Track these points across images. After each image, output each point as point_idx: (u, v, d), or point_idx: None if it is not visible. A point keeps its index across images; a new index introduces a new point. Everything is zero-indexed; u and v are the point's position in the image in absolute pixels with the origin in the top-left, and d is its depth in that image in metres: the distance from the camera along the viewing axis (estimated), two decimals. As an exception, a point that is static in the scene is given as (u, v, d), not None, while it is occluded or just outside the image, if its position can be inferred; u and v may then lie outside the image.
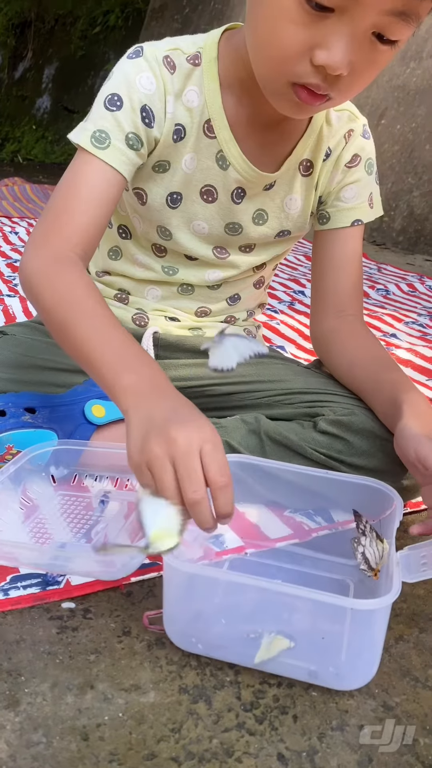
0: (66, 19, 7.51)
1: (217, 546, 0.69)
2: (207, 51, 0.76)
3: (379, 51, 0.62)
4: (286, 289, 2.00)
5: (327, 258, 0.86)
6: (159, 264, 0.86)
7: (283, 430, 0.78)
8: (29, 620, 0.58)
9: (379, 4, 0.57)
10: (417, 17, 0.59)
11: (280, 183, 0.82)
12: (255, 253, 0.87)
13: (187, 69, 0.75)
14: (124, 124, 0.72)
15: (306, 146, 0.81)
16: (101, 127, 0.72)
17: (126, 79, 0.73)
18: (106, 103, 0.73)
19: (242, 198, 0.81)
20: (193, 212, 0.81)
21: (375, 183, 0.86)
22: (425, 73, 3.15)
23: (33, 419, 0.79)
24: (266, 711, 0.51)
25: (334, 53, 0.59)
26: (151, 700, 0.51)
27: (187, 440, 0.52)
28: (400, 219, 3.04)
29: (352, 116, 0.82)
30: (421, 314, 1.82)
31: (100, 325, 0.64)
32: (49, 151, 6.99)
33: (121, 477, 0.78)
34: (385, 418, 0.75)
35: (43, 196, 3.76)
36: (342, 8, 0.58)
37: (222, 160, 0.78)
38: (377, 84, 3.36)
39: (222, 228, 0.83)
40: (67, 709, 0.50)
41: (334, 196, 0.84)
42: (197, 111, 0.76)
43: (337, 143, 0.82)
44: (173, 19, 5.52)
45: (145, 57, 0.74)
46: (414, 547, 0.57)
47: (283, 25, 0.61)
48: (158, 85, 0.73)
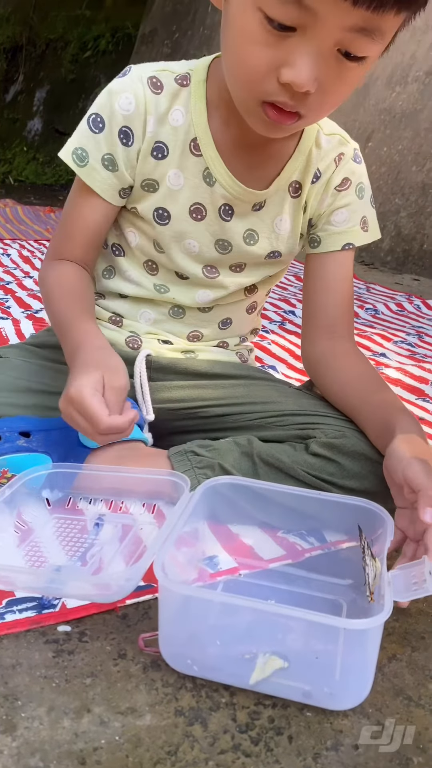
0: (57, 44, 7.60)
1: (211, 568, 0.70)
2: (197, 73, 0.79)
3: (347, 68, 0.63)
4: (276, 309, 2.02)
5: (318, 281, 0.88)
6: (151, 282, 0.88)
7: (276, 452, 0.79)
8: (25, 644, 0.59)
9: (340, 22, 0.58)
10: (380, 33, 0.61)
11: (269, 204, 0.84)
12: (245, 273, 0.89)
13: (175, 89, 0.79)
14: (103, 145, 0.80)
15: (295, 168, 0.83)
16: (83, 145, 0.80)
17: (109, 100, 0.79)
18: (90, 123, 0.80)
19: (231, 216, 0.83)
20: (183, 230, 0.84)
21: (370, 206, 0.87)
22: (410, 97, 3.21)
23: (28, 443, 0.80)
24: (261, 732, 0.52)
25: (299, 71, 0.61)
26: (147, 722, 0.52)
27: (64, 401, 0.69)
28: (388, 239, 3.09)
29: (343, 140, 0.84)
30: (410, 333, 1.84)
31: (76, 306, 0.80)
32: (40, 172, 7.04)
33: (115, 500, 0.78)
34: (377, 440, 0.76)
35: (34, 217, 3.78)
36: (303, 27, 0.60)
37: (208, 177, 0.81)
38: (364, 108, 3.43)
39: (212, 245, 0.85)
40: (63, 733, 0.50)
41: (324, 220, 0.86)
42: (182, 129, 0.79)
43: (327, 166, 0.84)
44: (163, 44, 5.61)
45: (130, 77, 0.79)
46: (404, 566, 0.58)
47: (249, 47, 0.63)
48: (138, 104, 0.78)
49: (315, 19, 0.59)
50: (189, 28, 5.30)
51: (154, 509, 0.77)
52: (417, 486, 0.63)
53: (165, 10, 5.69)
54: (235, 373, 0.91)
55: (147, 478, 0.76)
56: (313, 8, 0.58)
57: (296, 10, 0.58)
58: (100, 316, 0.92)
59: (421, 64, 3.21)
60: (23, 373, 0.87)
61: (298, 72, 0.61)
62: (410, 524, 0.66)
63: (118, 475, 0.78)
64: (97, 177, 0.81)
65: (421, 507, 0.61)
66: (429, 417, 1.21)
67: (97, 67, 7.03)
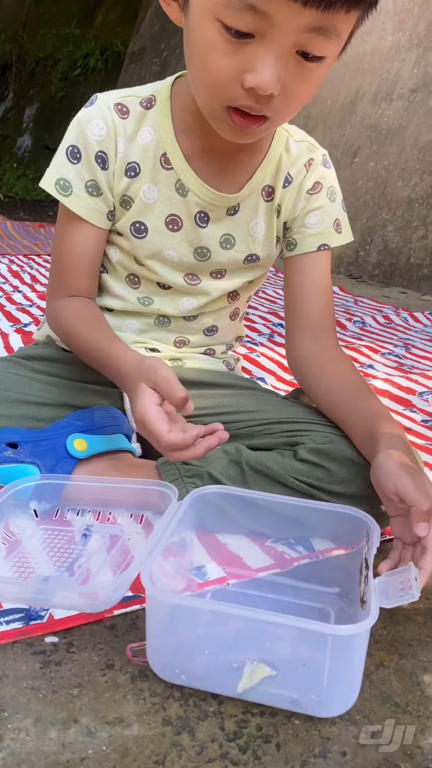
0: (47, 62, 7.67)
1: (200, 578, 0.70)
2: (161, 92, 0.83)
3: (308, 68, 0.65)
4: (265, 322, 2.03)
5: (297, 283, 0.90)
6: (134, 295, 0.89)
7: (264, 459, 0.79)
8: (12, 655, 0.58)
9: (295, 23, 0.61)
10: (336, 32, 0.63)
11: (244, 208, 0.86)
12: (226, 278, 0.90)
13: (140, 112, 0.82)
14: (84, 173, 0.82)
15: (266, 172, 0.85)
16: (64, 176, 0.82)
17: (81, 129, 0.81)
18: (68, 154, 0.82)
19: (207, 222, 0.85)
20: (161, 243, 0.85)
21: (341, 210, 0.90)
22: (395, 113, 3.26)
23: (15, 454, 0.80)
24: (249, 740, 0.52)
25: (261, 74, 0.63)
26: (135, 732, 0.51)
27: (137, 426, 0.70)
28: (376, 253, 3.12)
29: (311, 147, 0.87)
30: (397, 345, 1.86)
31: (100, 336, 0.80)
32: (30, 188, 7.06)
33: (103, 510, 0.78)
34: (362, 447, 0.77)
35: (24, 233, 3.79)
36: (261, 32, 0.62)
37: (181, 188, 0.83)
38: (351, 124, 3.47)
39: (191, 254, 0.86)
40: (50, 743, 0.50)
41: (299, 223, 0.88)
42: (152, 147, 0.82)
43: (298, 171, 0.86)
44: (152, 61, 5.67)
45: (97, 105, 0.81)
46: (391, 573, 0.59)
47: (211, 56, 0.65)
48: (108, 128, 0.81)
49: (271, 24, 0.61)
50: (177, 46, 5.36)
51: (142, 519, 0.77)
52: (410, 501, 0.64)
53: (153, 29, 5.76)
54: (222, 382, 0.92)
55: (135, 489, 0.76)
56: (267, 13, 0.60)
57: (252, 17, 0.61)
58: None
59: (406, 82, 3.26)
60: (11, 385, 0.87)
61: (260, 76, 0.63)
62: (404, 530, 0.67)
63: (106, 486, 0.78)
64: (83, 204, 0.83)
65: (415, 523, 0.63)
66: (416, 427, 1.22)
67: (87, 85, 7.09)
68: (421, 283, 2.88)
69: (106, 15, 7.17)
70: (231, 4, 0.60)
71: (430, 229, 2.94)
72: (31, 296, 2.12)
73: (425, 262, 2.92)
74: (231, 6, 0.60)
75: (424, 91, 3.16)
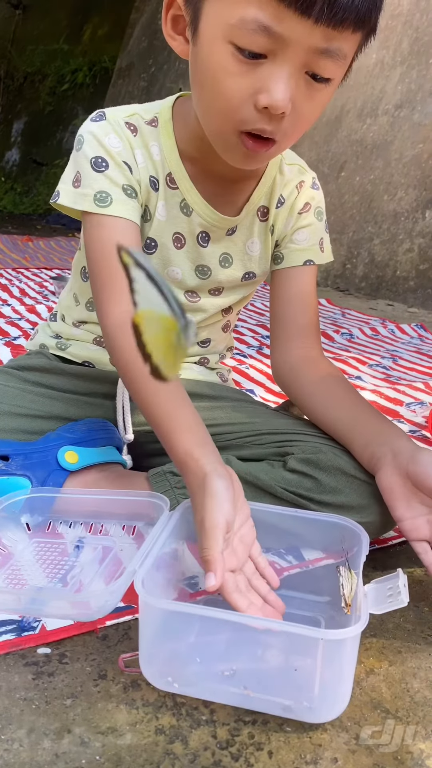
0: (35, 77, 7.72)
1: (191, 588, 0.70)
2: (162, 114, 0.83)
3: (316, 89, 0.67)
4: (254, 334, 2.05)
5: (284, 294, 0.92)
6: None
7: (253, 470, 0.80)
8: (5, 667, 0.59)
9: (306, 42, 0.63)
10: (342, 53, 0.65)
11: (241, 228, 0.88)
12: (224, 295, 0.92)
13: (148, 130, 0.83)
14: (117, 179, 0.79)
15: (261, 194, 0.88)
16: (99, 189, 0.79)
17: (98, 141, 0.80)
18: (94, 167, 0.79)
19: (208, 242, 0.87)
20: (168, 258, 0.87)
21: (325, 230, 0.93)
22: (381, 129, 3.32)
23: (7, 467, 0.80)
24: (242, 748, 0.52)
25: (274, 93, 0.65)
26: (128, 742, 0.52)
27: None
28: (362, 266, 3.15)
29: (302, 170, 0.91)
30: (385, 357, 1.88)
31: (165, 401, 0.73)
32: (18, 202, 7.07)
33: (95, 522, 0.79)
34: (365, 439, 0.78)
35: (12, 246, 3.80)
36: (273, 52, 0.64)
37: (186, 207, 0.84)
38: (337, 139, 3.52)
39: (193, 271, 0.88)
40: (44, 754, 0.50)
41: (288, 239, 0.91)
42: (160, 164, 0.83)
43: (290, 192, 0.89)
44: (140, 77, 5.72)
45: (108, 120, 0.81)
46: (380, 580, 0.59)
47: (224, 79, 0.66)
48: (124, 142, 0.80)
49: (283, 44, 0.63)
50: (165, 62, 5.42)
51: (134, 531, 0.78)
52: None
53: (141, 45, 5.82)
54: (215, 394, 0.93)
55: (126, 500, 0.77)
56: (280, 33, 0.62)
57: (265, 37, 0.63)
58: (85, 338, 0.94)
59: (391, 98, 3.32)
60: (2, 397, 0.88)
61: (274, 95, 0.65)
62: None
63: (98, 498, 0.78)
64: (123, 208, 0.79)
65: None
66: (404, 437, 1.24)
67: (75, 100, 7.13)
68: (407, 296, 2.92)
69: (95, 31, 7.24)
70: (245, 26, 0.62)
71: (416, 242, 2.98)
72: (20, 309, 2.12)
73: (411, 274, 2.95)
74: (244, 27, 0.62)
75: (408, 106, 3.22)
